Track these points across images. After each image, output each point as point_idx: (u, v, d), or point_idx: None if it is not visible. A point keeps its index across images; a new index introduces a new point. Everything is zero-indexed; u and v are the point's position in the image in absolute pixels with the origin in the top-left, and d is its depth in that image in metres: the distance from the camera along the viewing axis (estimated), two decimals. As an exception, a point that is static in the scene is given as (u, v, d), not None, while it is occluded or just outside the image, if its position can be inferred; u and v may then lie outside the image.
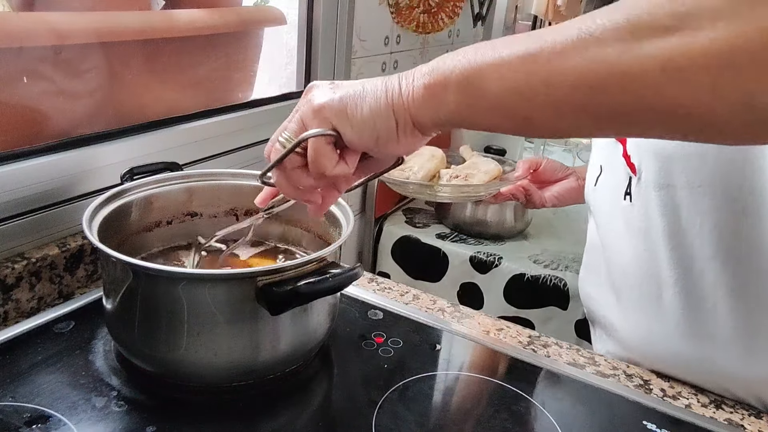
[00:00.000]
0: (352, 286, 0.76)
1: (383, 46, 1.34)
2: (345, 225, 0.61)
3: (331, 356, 0.62)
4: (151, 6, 0.93)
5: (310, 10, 1.13)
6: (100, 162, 0.77)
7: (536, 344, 0.70)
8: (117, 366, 0.57)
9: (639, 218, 0.66)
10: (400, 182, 1.06)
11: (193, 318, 0.51)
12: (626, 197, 0.67)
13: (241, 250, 0.70)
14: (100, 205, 0.59)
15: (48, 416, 0.50)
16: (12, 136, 0.72)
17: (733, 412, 0.62)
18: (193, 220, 0.70)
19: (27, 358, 0.57)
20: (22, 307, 0.65)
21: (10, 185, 0.67)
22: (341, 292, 0.57)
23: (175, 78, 0.95)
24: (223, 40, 1.02)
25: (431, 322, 0.69)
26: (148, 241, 0.67)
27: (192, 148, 0.90)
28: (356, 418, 0.54)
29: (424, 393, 0.58)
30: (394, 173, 1.00)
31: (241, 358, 0.53)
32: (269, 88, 1.16)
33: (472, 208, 1.36)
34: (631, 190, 0.66)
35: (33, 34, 0.72)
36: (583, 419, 0.57)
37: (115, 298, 0.54)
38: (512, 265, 1.28)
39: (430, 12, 1.43)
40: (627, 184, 0.66)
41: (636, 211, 0.66)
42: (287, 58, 1.19)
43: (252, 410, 0.54)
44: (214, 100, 1.02)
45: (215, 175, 0.70)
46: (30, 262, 0.65)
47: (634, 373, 0.67)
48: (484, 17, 1.77)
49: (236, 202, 0.71)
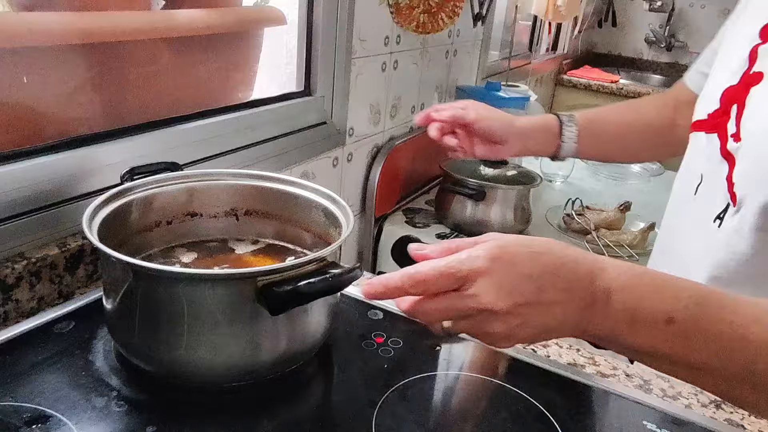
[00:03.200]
0: (352, 286, 0.76)
1: (383, 46, 1.34)
2: (345, 225, 0.61)
3: (331, 356, 0.62)
4: (151, 6, 0.93)
5: (310, 10, 1.13)
6: (100, 162, 0.77)
7: (536, 344, 0.70)
8: (117, 366, 0.57)
9: (722, 247, 0.63)
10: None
11: (193, 318, 0.51)
12: (716, 220, 0.63)
13: (241, 248, 0.70)
14: (100, 205, 0.59)
15: (48, 416, 0.50)
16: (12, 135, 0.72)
17: (733, 412, 0.62)
18: (193, 220, 0.70)
19: (27, 358, 0.56)
20: (22, 307, 0.65)
21: (10, 185, 0.67)
22: (341, 292, 0.57)
23: (175, 78, 0.95)
24: (223, 40, 1.02)
25: (431, 322, 0.69)
26: (148, 241, 0.67)
27: (192, 148, 0.90)
28: (356, 418, 0.54)
29: (424, 393, 0.58)
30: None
31: (241, 358, 0.53)
32: (269, 88, 1.16)
33: (473, 207, 1.36)
34: (724, 216, 0.63)
35: (33, 34, 0.72)
36: (583, 419, 0.57)
37: (115, 298, 0.54)
38: (512, 265, 1.28)
39: (430, 12, 1.43)
40: (723, 209, 0.63)
41: (721, 240, 0.63)
42: (287, 58, 1.19)
43: (252, 410, 0.54)
44: (214, 100, 1.02)
45: (215, 175, 0.70)
46: (30, 262, 0.65)
47: (634, 373, 0.67)
48: (484, 17, 1.77)
49: (236, 202, 0.71)
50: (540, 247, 0.45)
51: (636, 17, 3.45)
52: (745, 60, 0.63)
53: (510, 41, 2.22)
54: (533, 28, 2.50)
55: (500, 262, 0.44)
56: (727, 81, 0.65)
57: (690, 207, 0.70)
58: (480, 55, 1.89)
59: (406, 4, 1.34)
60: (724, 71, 0.67)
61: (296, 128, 1.13)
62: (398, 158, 1.44)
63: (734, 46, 0.67)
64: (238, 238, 0.71)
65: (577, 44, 3.27)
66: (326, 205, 0.66)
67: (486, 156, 0.89)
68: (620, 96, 2.85)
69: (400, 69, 1.43)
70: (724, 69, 0.67)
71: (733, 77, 0.64)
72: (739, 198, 0.60)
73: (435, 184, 1.60)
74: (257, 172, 0.71)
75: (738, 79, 0.64)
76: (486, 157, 0.90)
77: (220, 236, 0.71)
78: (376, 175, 1.38)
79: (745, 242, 0.61)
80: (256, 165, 1.01)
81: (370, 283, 0.46)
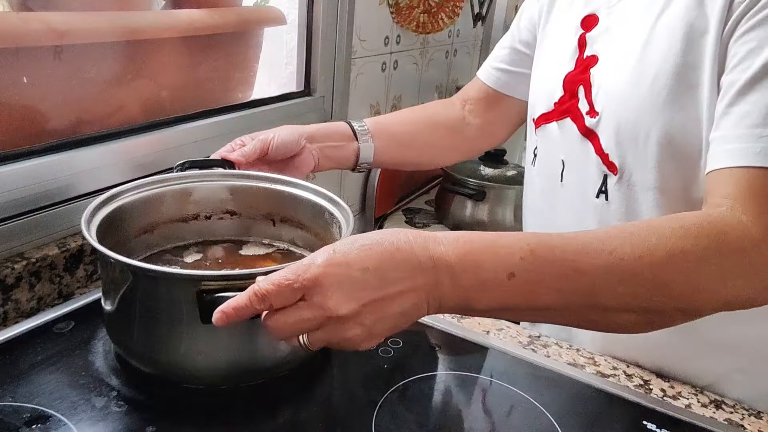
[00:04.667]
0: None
1: (383, 46, 1.34)
2: (345, 225, 0.61)
3: (331, 356, 0.62)
4: (151, 6, 0.93)
5: (310, 10, 1.13)
6: (100, 162, 0.77)
7: (536, 344, 0.70)
8: (117, 366, 0.57)
9: (617, 217, 0.65)
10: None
11: (192, 319, 0.51)
12: (600, 195, 0.66)
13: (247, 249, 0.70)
14: (99, 206, 0.59)
15: (48, 416, 0.50)
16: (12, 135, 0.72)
17: (733, 412, 0.62)
18: (192, 221, 0.70)
19: (27, 358, 0.56)
20: (22, 307, 0.65)
21: (10, 185, 0.67)
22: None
23: (175, 78, 0.95)
24: (223, 40, 1.02)
25: (431, 322, 0.69)
26: (148, 242, 0.67)
27: (192, 148, 0.90)
28: (356, 418, 0.54)
29: (424, 393, 0.58)
30: None
31: (241, 359, 0.53)
32: (269, 88, 1.16)
33: (473, 208, 1.36)
34: (606, 188, 0.66)
35: (33, 34, 0.72)
36: (583, 419, 0.57)
37: (114, 299, 0.54)
38: (512, 265, 1.28)
39: (430, 12, 1.43)
40: (602, 182, 0.66)
41: (614, 210, 0.65)
42: (287, 58, 1.19)
43: (252, 411, 0.54)
44: (214, 100, 1.02)
45: (214, 175, 0.70)
46: (30, 262, 0.65)
47: (634, 373, 0.67)
48: (484, 17, 1.77)
49: (234, 202, 0.71)
50: (370, 240, 0.45)
51: (636, 17, 3.44)
52: (575, 48, 0.70)
53: (510, 41, 2.22)
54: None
55: (334, 264, 0.43)
56: (563, 69, 0.70)
57: (560, 194, 0.72)
58: (480, 55, 1.89)
59: (406, 4, 1.34)
60: (555, 62, 0.72)
61: (296, 128, 1.13)
62: (398, 158, 1.44)
63: (559, 39, 0.73)
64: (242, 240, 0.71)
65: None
66: (326, 205, 0.66)
67: (283, 173, 0.72)
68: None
69: (400, 69, 1.43)
70: (554, 60, 0.72)
71: (570, 64, 0.70)
72: (619, 165, 0.64)
73: (435, 184, 1.60)
74: (256, 172, 0.71)
75: (574, 65, 0.69)
76: (283, 173, 0.72)
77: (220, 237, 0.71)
78: (376, 175, 1.38)
79: (641, 204, 0.63)
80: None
81: (220, 310, 0.44)
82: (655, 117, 0.60)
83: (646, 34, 0.62)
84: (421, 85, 1.57)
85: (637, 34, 0.63)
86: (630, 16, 0.65)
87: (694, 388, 0.65)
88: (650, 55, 0.61)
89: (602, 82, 0.66)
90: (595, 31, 0.68)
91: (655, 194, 0.62)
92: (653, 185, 0.62)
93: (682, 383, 0.66)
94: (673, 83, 0.59)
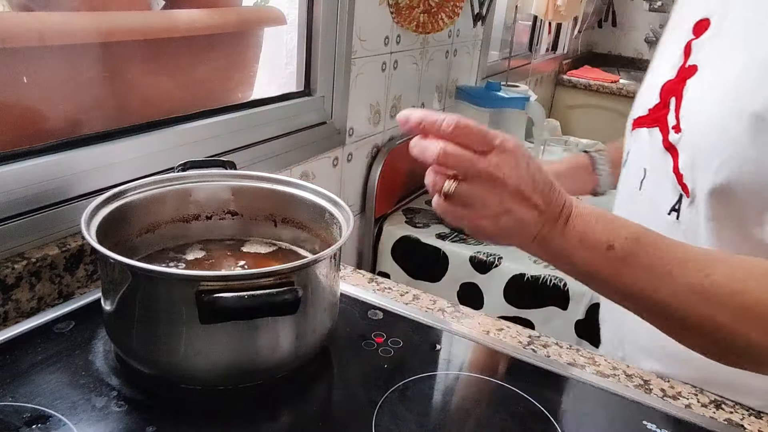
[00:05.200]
0: (352, 286, 0.76)
1: (383, 46, 1.34)
2: (345, 225, 0.61)
3: (331, 356, 0.62)
4: (151, 6, 0.93)
5: (310, 10, 1.13)
6: (100, 162, 0.77)
7: (536, 344, 0.70)
8: (117, 366, 0.57)
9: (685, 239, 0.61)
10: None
11: (191, 319, 0.51)
12: (672, 213, 0.63)
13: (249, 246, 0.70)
14: (99, 206, 0.59)
15: (48, 416, 0.50)
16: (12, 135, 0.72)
17: (733, 412, 0.62)
18: (193, 222, 0.70)
19: (27, 358, 0.56)
20: (22, 307, 0.65)
21: (10, 185, 0.67)
22: (341, 292, 0.56)
23: (174, 78, 0.95)
24: (223, 40, 1.02)
25: (431, 322, 0.69)
26: (148, 243, 0.67)
27: (192, 148, 0.90)
28: (356, 418, 0.54)
29: (424, 393, 0.58)
30: None
31: (241, 360, 0.53)
32: (269, 88, 1.16)
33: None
34: (680, 207, 0.63)
35: (32, 34, 0.72)
36: (583, 419, 0.57)
37: (114, 299, 0.54)
38: (512, 265, 1.28)
39: (430, 12, 1.43)
40: (677, 200, 0.63)
41: (683, 231, 0.63)
42: (287, 58, 1.19)
43: (252, 411, 0.54)
44: (214, 100, 1.02)
45: (215, 176, 0.70)
46: (30, 262, 0.65)
47: (634, 373, 0.67)
48: (484, 17, 1.77)
49: (235, 202, 0.71)
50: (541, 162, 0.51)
51: (636, 17, 3.45)
52: (681, 55, 0.65)
53: (510, 41, 2.23)
54: (533, 28, 2.50)
55: (523, 150, 0.50)
56: (665, 76, 0.67)
57: (637, 200, 0.71)
58: (480, 55, 1.89)
59: (406, 4, 1.34)
60: (662, 67, 0.68)
61: (296, 128, 1.13)
62: (398, 158, 1.44)
63: (671, 43, 0.69)
64: (244, 239, 0.71)
65: (577, 44, 3.27)
66: (326, 206, 0.66)
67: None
68: (620, 96, 2.85)
69: (400, 69, 1.43)
70: (662, 65, 0.69)
71: (671, 71, 0.66)
72: (690, 189, 0.61)
73: (435, 184, 1.59)
74: (255, 173, 0.71)
75: (675, 73, 0.65)
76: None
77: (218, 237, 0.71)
78: (376, 175, 1.38)
79: (702, 232, 0.62)
80: (256, 165, 1.01)
81: (411, 110, 0.50)
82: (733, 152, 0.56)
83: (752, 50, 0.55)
84: (421, 85, 1.57)
85: (743, 49, 0.56)
86: (742, 25, 0.57)
87: (694, 388, 0.65)
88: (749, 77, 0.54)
89: (692, 96, 0.61)
90: (704, 37, 0.62)
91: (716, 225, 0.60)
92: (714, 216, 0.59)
93: (682, 383, 0.66)
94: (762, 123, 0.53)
